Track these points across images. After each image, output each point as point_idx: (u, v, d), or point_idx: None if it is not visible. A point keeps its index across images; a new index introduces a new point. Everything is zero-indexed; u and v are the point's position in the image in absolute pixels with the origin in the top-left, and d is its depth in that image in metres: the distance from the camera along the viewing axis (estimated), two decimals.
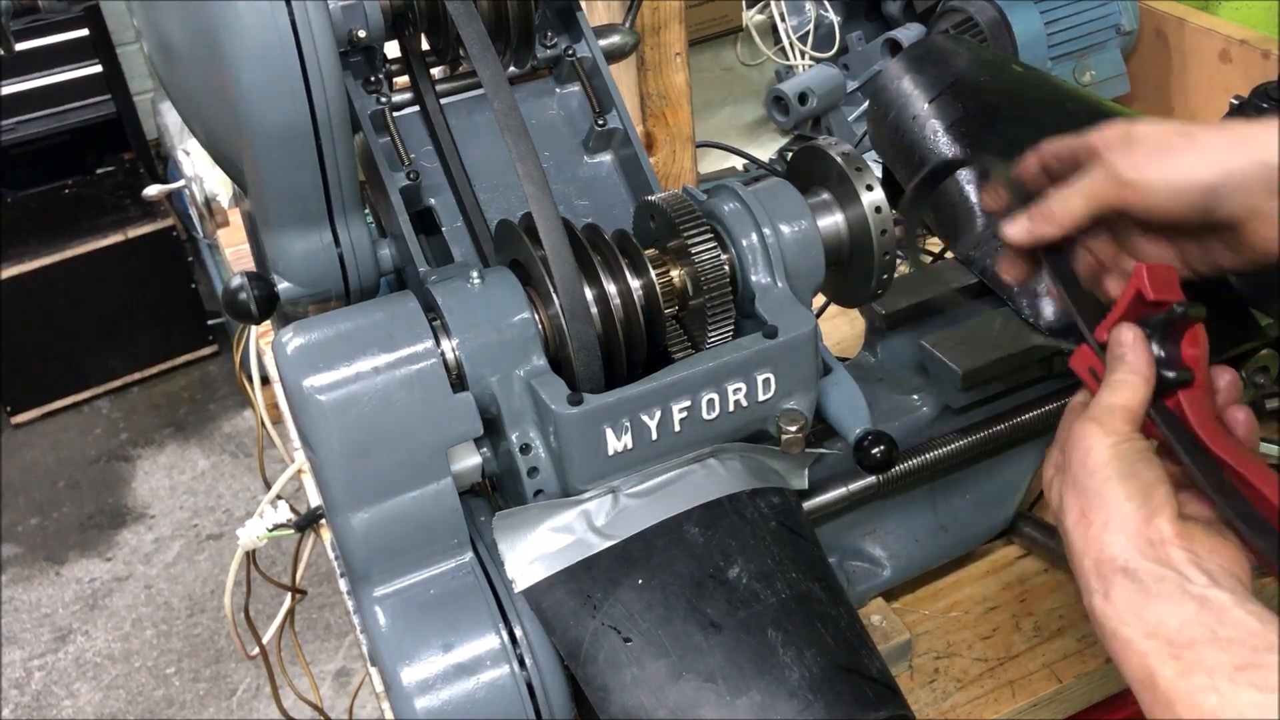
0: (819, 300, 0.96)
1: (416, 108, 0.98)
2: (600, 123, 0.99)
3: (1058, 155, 0.86)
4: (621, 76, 1.36)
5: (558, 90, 1.03)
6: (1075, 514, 0.71)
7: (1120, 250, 0.86)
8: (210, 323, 3.50)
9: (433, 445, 0.78)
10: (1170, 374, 0.74)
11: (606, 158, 1.01)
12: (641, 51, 1.39)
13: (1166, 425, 0.73)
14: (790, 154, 1.87)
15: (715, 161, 1.81)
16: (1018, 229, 0.85)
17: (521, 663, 0.77)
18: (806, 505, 0.96)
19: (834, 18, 1.90)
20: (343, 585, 0.97)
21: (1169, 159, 0.78)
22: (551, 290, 0.78)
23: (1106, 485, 0.69)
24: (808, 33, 1.91)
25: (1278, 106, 1.27)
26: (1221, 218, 0.78)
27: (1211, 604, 0.63)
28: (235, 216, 1.09)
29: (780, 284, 0.84)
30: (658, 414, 0.79)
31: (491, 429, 0.81)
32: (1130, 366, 0.73)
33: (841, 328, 1.44)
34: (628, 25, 1.19)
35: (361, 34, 0.89)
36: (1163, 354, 0.74)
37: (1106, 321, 0.76)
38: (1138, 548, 0.67)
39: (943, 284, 1.14)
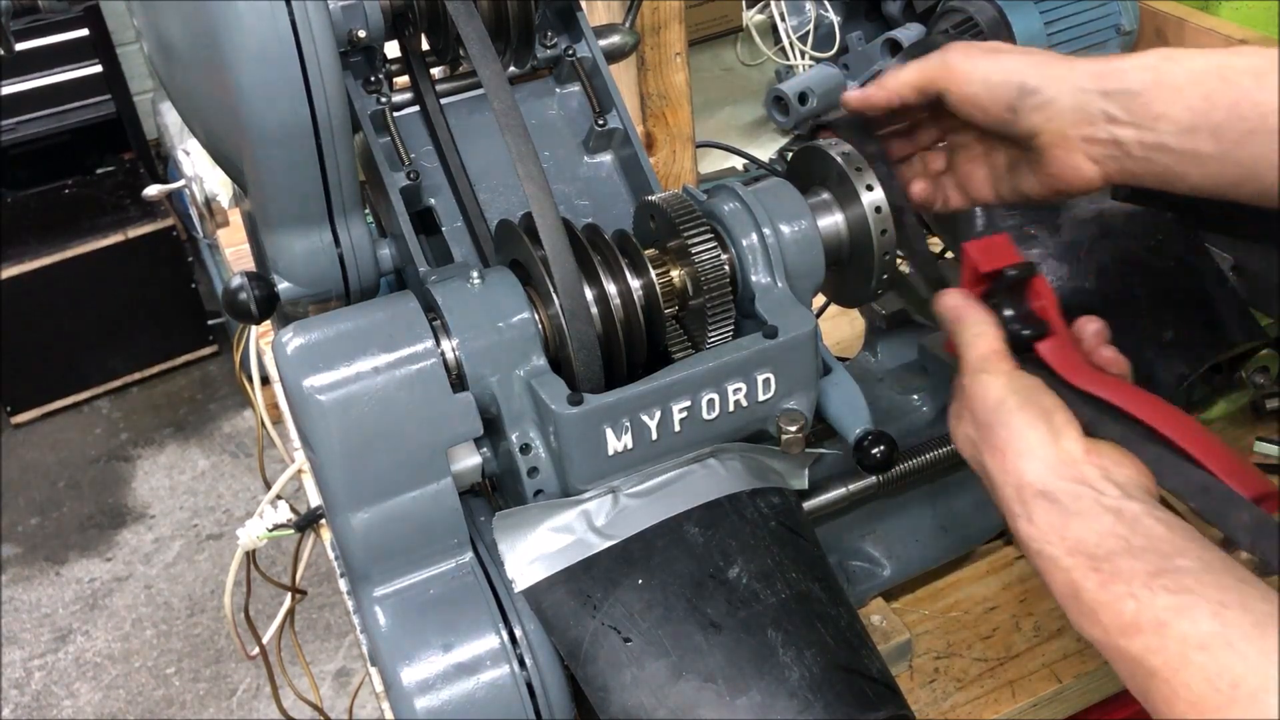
0: (819, 300, 0.96)
1: (416, 108, 0.98)
2: (600, 123, 0.99)
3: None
4: (621, 76, 1.36)
5: (558, 90, 1.03)
6: (988, 451, 0.74)
7: (949, 168, 0.94)
8: (210, 323, 3.50)
9: (433, 445, 0.77)
10: (1025, 331, 0.79)
11: (606, 158, 1.01)
12: (641, 51, 1.39)
13: (1035, 373, 0.77)
14: (790, 154, 1.87)
15: (715, 161, 1.80)
16: (853, 95, 0.91)
17: (521, 663, 0.77)
18: (806, 505, 0.96)
19: (834, 18, 1.90)
20: (343, 585, 0.97)
21: (998, 58, 0.83)
22: (551, 290, 0.78)
23: (1010, 417, 0.73)
24: (808, 33, 1.90)
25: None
26: (1026, 128, 0.82)
27: (1125, 515, 0.67)
28: (235, 216, 1.09)
29: (780, 284, 0.84)
30: (658, 414, 0.79)
31: (491, 429, 0.81)
32: (970, 320, 0.79)
33: (841, 328, 1.44)
34: (628, 25, 1.19)
35: (361, 34, 0.89)
36: (1014, 313, 0.80)
37: None
38: (1052, 469, 0.71)
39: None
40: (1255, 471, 0.70)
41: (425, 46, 0.98)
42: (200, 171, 1.13)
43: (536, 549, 0.79)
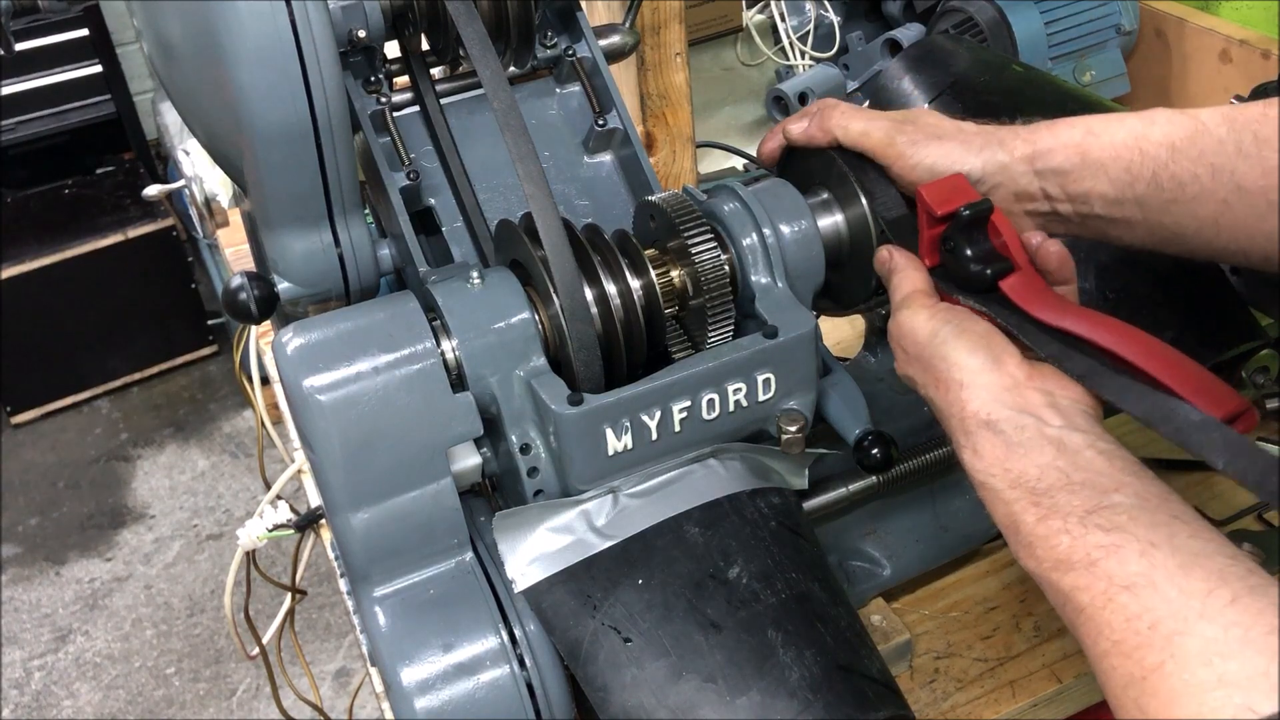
0: None
1: (416, 108, 0.98)
2: (600, 123, 0.99)
3: None
4: (621, 76, 1.36)
5: (558, 90, 1.03)
6: (931, 384, 0.76)
7: None
8: (210, 323, 3.49)
9: (433, 445, 0.78)
10: (988, 270, 0.78)
11: (606, 158, 1.01)
12: (641, 51, 1.39)
13: (1000, 312, 0.76)
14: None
15: (715, 161, 1.81)
16: (794, 131, 0.93)
17: (521, 663, 0.77)
18: (806, 505, 0.96)
19: (834, 18, 1.90)
20: (343, 585, 0.97)
21: (942, 146, 0.86)
22: (551, 290, 0.78)
23: (945, 347, 0.75)
24: (808, 33, 1.91)
25: None
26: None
27: (1067, 446, 0.68)
28: (235, 216, 1.09)
29: (780, 284, 0.84)
30: (658, 414, 0.79)
31: (491, 429, 0.81)
32: (898, 267, 0.82)
33: (841, 327, 1.44)
34: (628, 25, 1.19)
35: (361, 34, 0.89)
36: (973, 252, 0.79)
37: (922, 250, 0.83)
38: (995, 397, 0.72)
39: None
40: (1227, 389, 0.69)
41: (425, 46, 0.98)
42: (200, 171, 1.13)
43: (536, 549, 0.79)
